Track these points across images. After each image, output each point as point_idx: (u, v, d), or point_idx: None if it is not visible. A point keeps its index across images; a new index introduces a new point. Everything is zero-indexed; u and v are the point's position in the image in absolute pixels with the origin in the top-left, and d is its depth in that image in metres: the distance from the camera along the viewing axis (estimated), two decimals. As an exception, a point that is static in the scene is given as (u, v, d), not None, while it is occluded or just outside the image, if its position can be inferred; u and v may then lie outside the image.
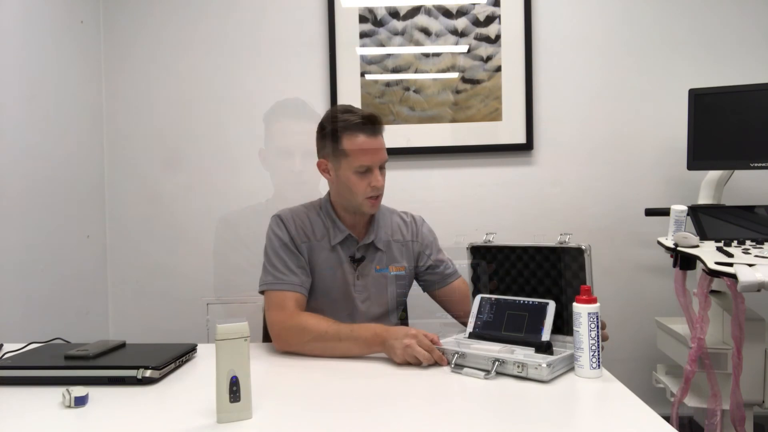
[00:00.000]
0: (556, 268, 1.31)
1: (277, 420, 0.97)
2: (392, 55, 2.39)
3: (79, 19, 2.30)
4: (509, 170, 2.41)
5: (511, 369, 1.13)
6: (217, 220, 1.48)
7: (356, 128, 1.43)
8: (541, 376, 1.09)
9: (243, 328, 0.95)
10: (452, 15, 2.38)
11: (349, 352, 1.32)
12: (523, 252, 1.36)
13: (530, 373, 1.11)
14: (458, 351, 1.21)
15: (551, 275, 1.31)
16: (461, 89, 2.38)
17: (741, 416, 1.69)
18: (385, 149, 1.48)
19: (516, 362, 1.13)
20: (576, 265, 1.27)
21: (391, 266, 1.56)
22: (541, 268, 1.33)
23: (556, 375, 1.12)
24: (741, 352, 1.65)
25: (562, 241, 1.30)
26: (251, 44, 2.43)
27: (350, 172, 1.44)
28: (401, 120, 2.40)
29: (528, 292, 1.35)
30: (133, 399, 1.07)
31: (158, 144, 2.46)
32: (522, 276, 1.36)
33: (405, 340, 1.23)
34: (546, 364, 1.09)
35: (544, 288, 1.33)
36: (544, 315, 1.27)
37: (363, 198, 1.46)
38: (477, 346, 1.26)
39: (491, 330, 1.33)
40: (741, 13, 2.34)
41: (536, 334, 1.26)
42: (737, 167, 1.98)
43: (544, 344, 1.23)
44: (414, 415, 0.98)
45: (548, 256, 1.32)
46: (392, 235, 1.58)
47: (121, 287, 2.48)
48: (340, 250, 1.51)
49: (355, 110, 1.48)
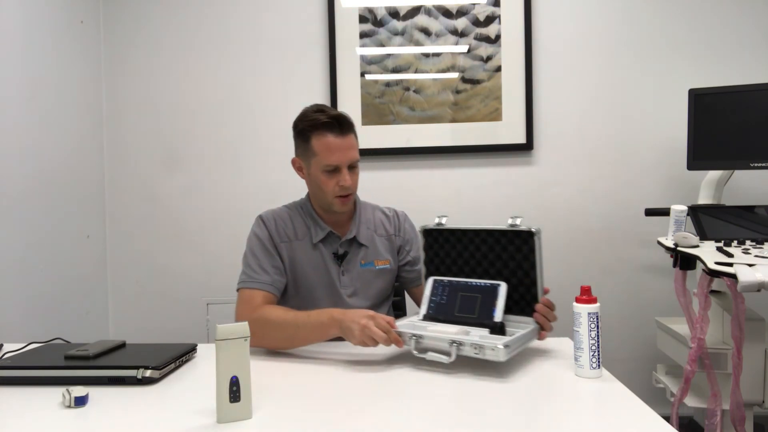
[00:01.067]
0: (507, 250, 1.31)
1: (277, 420, 0.97)
2: (392, 55, 2.39)
3: (79, 19, 2.30)
4: (509, 170, 2.42)
5: (468, 351, 1.13)
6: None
7: (324, 127, 1.44)
8: (498, 357, 1.09)
9: (243, 328, 0.95)
10: (452, 15, 2.38)
11: (309, 339, 1.33)
12: (474, 235, 1.36)
13: (487, 354, 1.11)
14: (415, 333, 1.21)
15: (503, 258, 1.32)
16: (461, 89, 2.38)
17: (741, 416, 1.69)
18: (355, 149, 1.48)
19: (473, 344, 1.13)
20: (527, 247, 1.28)
21: (375, 260, 1.57)
22: (492, 251, 1.34)
23: (512, 355, 1.13)
24: (741, 352, 1.65)
25: (512, 224, 1.29)
26: (251, 44, 2.43)
27: (319, 171, 1.46)
28: (401, 120, 2.40)
29: (480, 274, 1.36)
30: (133, 399, 1.07)
31: (158, 144, 2.46)
32: (474, 258, 1.37)
33: (362, 321, 1.22)
34: (503, 345, 1.09)
35: (496, 270, 1.33)
36: (496, 296, 1.29)
37: (332, 197, 1.48)
38: (433, 328, 1.26)
39: (445, 312, 1.34)
40: (741, 13, 2.34)
41: (489, 316, 1.27)
42: (737, 167, 1.98)
43: (498, 325, 1.24)
44: (414, 413, 0.98)
45: (499, 239, 1.32)
46: (375, 230, 1.60)
47: (121, 287, 2.48)
48: (322, 248, 1.53)
49: (326, 110, 1.48)
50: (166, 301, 2.47)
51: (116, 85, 2.46)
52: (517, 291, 1.31)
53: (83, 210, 2.31)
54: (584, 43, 2.39)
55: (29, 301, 1.95)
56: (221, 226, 2.44)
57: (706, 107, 2.00)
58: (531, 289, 1.29)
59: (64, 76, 2.19)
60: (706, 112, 2.00)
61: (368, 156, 2.41)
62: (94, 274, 2.40)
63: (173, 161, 2.46)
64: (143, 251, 2.47)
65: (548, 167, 2.41)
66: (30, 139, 1.98)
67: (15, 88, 1.92)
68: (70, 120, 2.23)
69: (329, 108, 1.49)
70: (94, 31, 2.41)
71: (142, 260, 2.47)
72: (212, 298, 2.44)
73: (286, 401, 1.05)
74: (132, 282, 2.48)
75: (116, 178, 2.47)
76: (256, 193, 2.40)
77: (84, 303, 2.30)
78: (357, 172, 1.51)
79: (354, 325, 1.23)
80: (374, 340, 1.21)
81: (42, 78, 2.06)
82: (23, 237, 1.93)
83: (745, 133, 1.93)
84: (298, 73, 2.42)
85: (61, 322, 2.10)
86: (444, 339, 1.17)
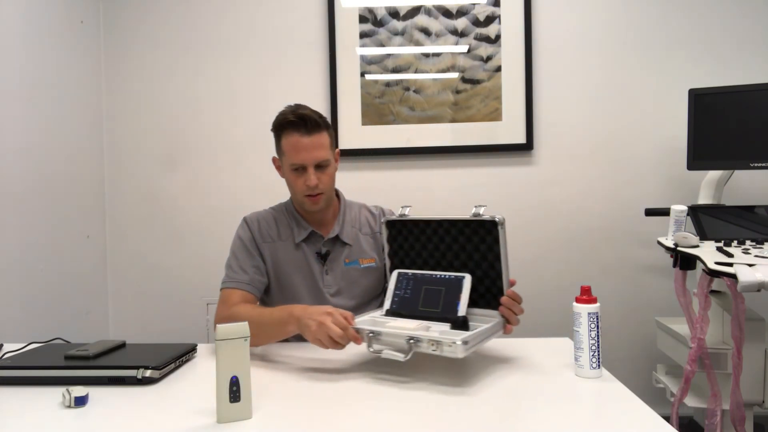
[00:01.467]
0: (471, 241, 1.27)
1: (277, 420, 0.97)
2: (392, 55, 2.39)
3: (79, 19, 2.30)
4: (509, 170, 2.41)
5: (426, 347, 1.08)
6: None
7: (291, 126, 1.44)
8: (455, 354, 1.04)
9: (243, 328, 0.96)
10: (452, 15, 2.38)
11: (272, 336, 1.32)
12: (438, 225, 1.32)
13: (445, 351, 1.05)
14: (373, 330, 1.16)
15: (467, 249, 1.28)
16: (461, 89, 2.38)
17: (741, 416, 1.69)
18: (323, 149, 1.45)
19: (430, 340, 1.08)
20: (491, 237, 1.23)
21: (360, 259, 1.56)
22: (456, 242, 1.29)
23: (471, 351, 1.08)
24: (741, 352, 1.65)
25: (476, 213, 1.24)
26: (251, 44, 2.43)
27: (289, 170, 1.48)
28: (401, 120, 2.40)
29: (445, 267, 1.32)
30: (133, 399, 1.07)
31: (158, 144, 2.46)
32: (438, 250, 1.33)
33: (319, 318, 1.18)
34: (461, 341, 1.04)
35: (460, 262, 1.29)
36: (461, 289, 1.24)
37: (301, 196, 1.48)
38: (393, 324, 1.22)
39: (408, 306, 1.30)
40: (741, 13, 2.34)
41: (453, 310, 1.23)
42: (737, 167, 1.98)
43: (460, 320, 1.20)
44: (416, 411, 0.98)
45: (463, 229, 1.28)
46: (360, 228, 1.59)
47: (121, 287, 2.48)
48: (305, 248, 1.53)
49: (298, 109, 1.46)
50: (166, 301, 2.47)
51: (116, 85, 2.46)
52: (483, 284, 1.27)
53: (83, 210, 2.31)
54: (584, 43, 2.39)
55: (29, 301, 1.95)
56: (221, 226, 2.43)
57: (706, 107, 2.00)
58: (497, 282, 1.24)
59: (64, 76, 2.19)
60: (706, 112, 2.00)
61: (368, 156, 2.41)
62: (94, 274, 2.40)
63: (173, 161, 2.46)
64: (143, 251, 2.47)
65: (548, 167, 2.41)
66: (30, 139, 1.98)
67: (15, 88, 1.92)
68: (70, 120, 2.23)
69: (305, 107, 1.47)
70: (94, 31, 2.41)
71: (142, 260, 2.47)
72: (212, 298, 2.41)
73: (286, 401, 1.05)
74: (132, 282, 2.48)
75: (116, 178, 2.47)
76: (256, 193, 2.39)
77: (84, 303, 2.30)
78: (329, 171, 1.49)
79: (311, 322, 1.19)
80: (330, 338, 1.16)
81: (42, 78, 2.06)
82: (23, 237, 1.93)
83: (745, 133, 1.93)
84: (298, 73, 2.42)
85: (61, 322, 2.10)
86: (401, 335, 1.12)
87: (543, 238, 2.41)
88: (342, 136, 2.40)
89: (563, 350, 1.30)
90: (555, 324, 2.25)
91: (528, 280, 2.37)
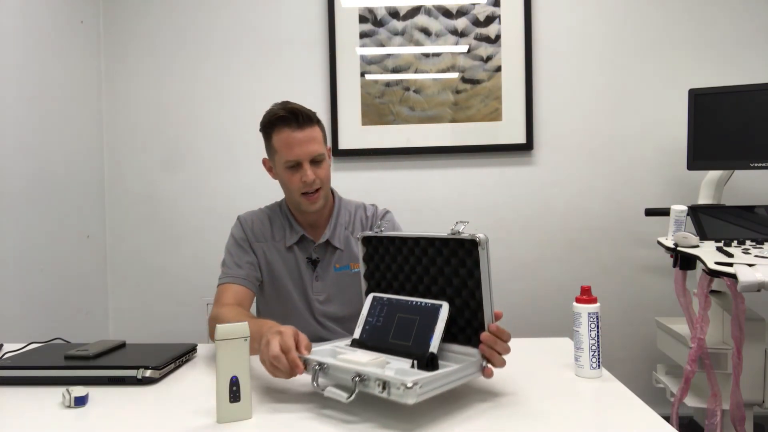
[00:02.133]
0: (450, 263, 1.08)
1: (277, 420, 0.97)
2: (392, 55, 2.39)
3: (79, 19, 2.30)
4: (509, 170, 2.41)
5: (373, 387, 0.90)
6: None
7: (281, 122, 1.39)
8: (404, 399, 0.86)
9: (243, 328, 0.95)
10: (452, 15, 2.38)
11: None
12: (414, 244, 1.13)
13: (392, 394, 0.87)
14: (320, 362, 0.98)
15: (445, 272, 1.09)
16: (461, 89, 2.38)
17: (741, 416, 1.69)
18: (316, 142, 1.40)
19: (378, 379, 0.89)
20: (471, 260, 1.03)
21: (351, 264, 1.51)
22: (434, 264, 1.11)
23: (424, 397, 0.88)
24: (741, 352, 1.65)
25: (454, 231, 1.04)
26: (251, 44, 2.43)
27: (283, 168, 1.42)
28: (401, 120, 2.40)
29: (422, 292, 1.13)
30: (133, 399, 1.07)
31: (158, 144, 2.46)
32: (415, 272, 1.15)
33: (270, 336, 1.03)
34: (411, 384, 0.85)
35: (438, 288, 1.11)
36: (436, 320, 1.05)
37: (298, 194, 1.42)
38: (348, 357, 1.03)
39: (378, 336, 1.11)
40: (741, 13, 2.34)
41: (424, 344, 1.03)
42: (737, 167, 1.98)
43: (427, 357, 1.01)
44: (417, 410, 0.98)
45: (441, 249, 1.09)
46: (353, 231, 1.54)
47: (120, 287, 2.48)
48: (296, 252, 1.50)
49: (287, 105, 1.42)
50: (166, 301, 2.47)
51: (116, 85, 2.46)
52: (463, 315, 1.07)
53: (83, 210, 2.31)
54: (584, 43, 2.39)
55: (29, 301, 1.95)
56: (221, 226, 2.42)
57: (706, 107, 2.00)
58: (478, 314, 1.03)
59: (64, 76, 2.19)
60: (706, 112, 2.00)
61: (368, 156, 2.41)
62: (94, 274, 2.40)
63: (173, 161, 2.46)
64: (143, 251, 2.47)
65: (548, 167, 2.41)
66: (30, 139, 1.98)
67: (15, 88, 1.92)
68: (70, 120, 2.23)
69: (293, 103, 1.43)
70: (94, 31, 2.41)
71: (142, 260, 2.47)
72: (212, 298, 2.41)
73: (286, 401, 1.05)
74: (132, 282, 2.48)
75: (116, 178, 2.47)
76: (256, 194, 2.38)
77: (84, 303, 2.30)
78: (325, 166, 1.43)
79: (264, 341, 1.04)
80: (271, 364, 1.01)
81: (42, 78, 2.06)
82: (23, 237, 1.93)
83: (745, 133, 1.93)
84: (298, 73, 2.42)
85: (61, 322, 2.10)
86: (349, 371, 0.94)
87: (543, 238, 2.41)
88: (342, 136, 2.40)
89: (563, 350, 1.30)
90: (555, 324, 2.26)
91: (528, 280, 2.40)
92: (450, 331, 1.07)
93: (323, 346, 1.13)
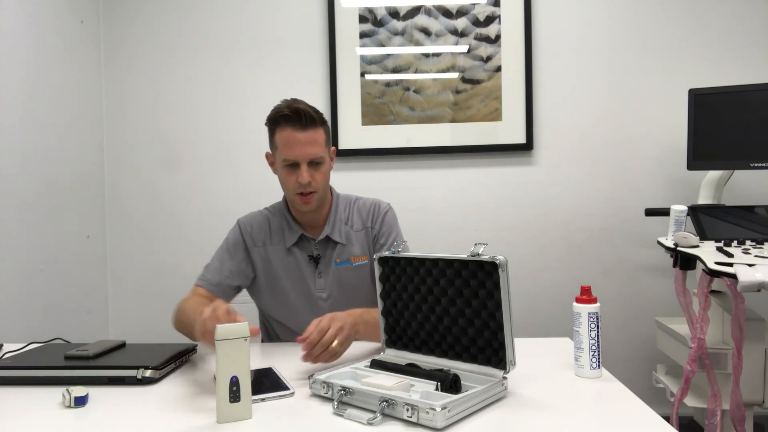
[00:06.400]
0: (468, 285, 1.08)
1: (277, 420, 0.97)
2: (392, 55, 2.39)
3: (79, 19, 2.30)
4: (509, 170, 2.41)
5: (401, 411, 0.91)
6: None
7: (285, 121, 1.39)
8: (433, 423, 0.88)
9: (243, 329, 0.95)
10: (452, 15, 2.38)
11: (194, 336, 1.20)
12: (433, 265, 1.13)
13: (421, 419, 0.89)
14: (344, 386, 0.99)
15: (464, 294, 1.09)
16: (461, 89, 2.38)
17: (741, 416, 1.69)
18: (317, 145, 1.40)
19: (406, 404, 0.91)
20: (491, 282, 1.04)
21: (352, 258, 1.51)
22: (452, 285, 1.10)
23: (452, 420, 0.91)
24: (741, 352, 1.65)
25: (474, 252, 1.05)
26: (251, 44, 2.43)
27: (281, 165, 1.43)
28: (401, 120, 2.40)
29: (439, 313, 1.13)
30: (133, 399, 1.07)
31: (158, 144, 2.46)
32: (432, 293, 1.14)
33: (206, 311, 1.07)
34: (440, 408, 0.88)
35: (456, 309, 1.10)
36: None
37: (293, 193, 1.43)
38: (372, 380, 1.03)
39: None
40: (741, 13, 2.34)
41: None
42: (737, 167, 1.98)
43: (451, 379, 1.02)
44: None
45: (460, 270, 1.09)
46: (352, 225, 1.54)
47: (121, 287, 2.48)
48: (297, 251, 1.51)
49: (294, 103, 1.42)
50: (166, 301, 2.46)
51: (116, 85, 2.46)
52: (482, 336, 1.08)
53: (83, 210, 2.31)
54: (584, 43, 2.39)
55: (29, 301, 1.95)
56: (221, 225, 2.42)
57: (706, 107, 2.00)
58: (498, 334, 1.04)
59: (64, 76, 2.19)
60: (706, 112, 2.00)
61: (368, 156, 2.41)
62: (94, 274, 2.40)
63: (173, 161, 2.46)
64: (143, 251, 2.47)
65: (548, 167, 2.41)
66: (30, 139, 1.98)
67: (15, 88, 1.92)
68: (70, 120, 2.23)
69: (301, 102, 1.43)
70: (94, 31, 2.41)
71: (142, 260, 2.47)
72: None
73: (286, 401, 1.05)
74: (132, 282, 2.48)
75: (116, 178, 2.47)
76: (256, 193, 2.38)
77: (84, 303, 2.30)
78: (323, 170, 1.44)
79: (198, 319, 1.08)
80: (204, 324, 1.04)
81: (42, 78, 2.06)
82: (23, 237, 1.93)
83: (745, 133, 1.93)
84: (298, 73, 2.42)
85: (61, 322, 2.10)
86: (375, 395, 0.95)
87: (543, 238, 2.41)
88: (342, 136, 2.40)
89: (563, 350, 1.30)
90: (555, 324, 2.26)
91: (528, 280, 2.40)
92: (470, 352, 1.10)
93: (343, 369, 1.12)
